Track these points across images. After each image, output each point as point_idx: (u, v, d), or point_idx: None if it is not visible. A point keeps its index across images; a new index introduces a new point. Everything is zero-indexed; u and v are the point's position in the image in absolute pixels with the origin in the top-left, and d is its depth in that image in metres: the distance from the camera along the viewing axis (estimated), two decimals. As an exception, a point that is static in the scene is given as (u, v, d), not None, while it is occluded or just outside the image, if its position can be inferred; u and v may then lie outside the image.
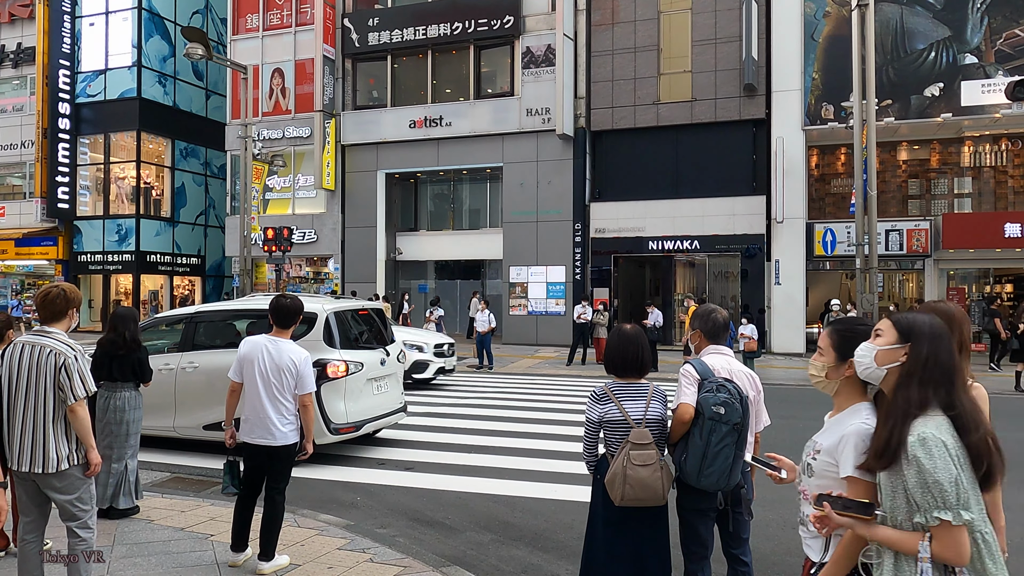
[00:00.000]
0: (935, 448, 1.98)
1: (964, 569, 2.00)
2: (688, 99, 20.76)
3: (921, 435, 2.00)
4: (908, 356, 2.14)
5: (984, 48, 18.36)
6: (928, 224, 18.95)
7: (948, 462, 1.96)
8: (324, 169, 23.76)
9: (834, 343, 2.45)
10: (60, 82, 26.60)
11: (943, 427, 2.03)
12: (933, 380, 2.09)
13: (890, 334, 2.20)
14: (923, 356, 2.11)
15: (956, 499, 1.94)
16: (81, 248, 27.19)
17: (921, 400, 2.07)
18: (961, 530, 1.95)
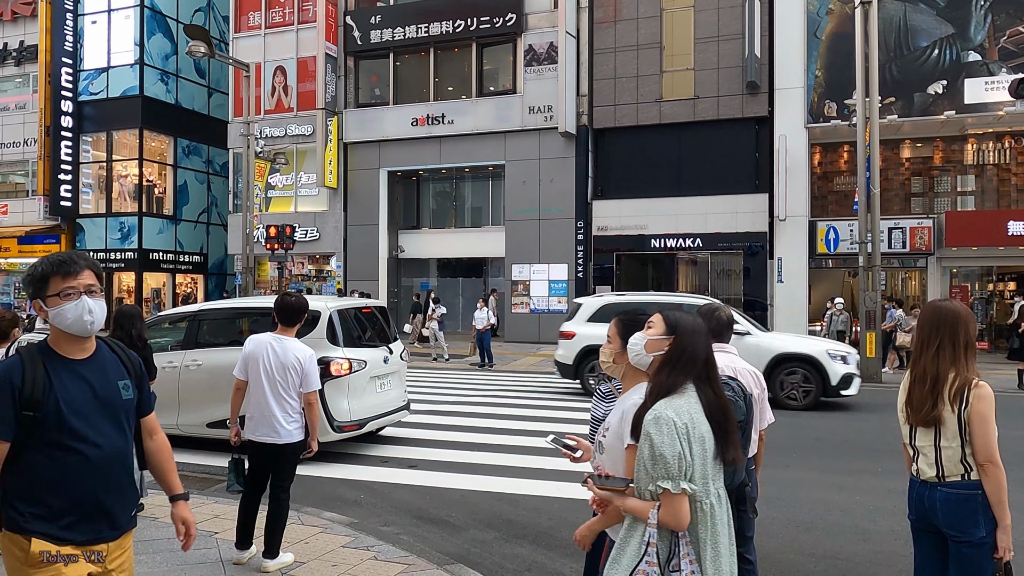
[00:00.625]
0: (665, 425, 2.23)
1: (686, 533, 2.25)
2: (691, 97, 20.73)
3: (655, 414, 2.27)
4: (670, 346, 2.42)
5: (988, 45, 18.31)
6: (931, 222, 18.91)
7: (674, 438, 2.22)
8: (326, 167, 23.76)
9: (620, 331, 2.71)
10: (63, 80, 26.62)
11: (682, 408, 2.28)
12: (685, 368, 2.39)
13: (659, 327, 2.49)
14: (681, 347, 2.41)
15: (678, 471, 2.19)
16: (84, 246, 27.21)
17: (670, 385, 2.35)
18: (681, 498, 2.20)
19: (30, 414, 2.19)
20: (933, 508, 2.97)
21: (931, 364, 3.00)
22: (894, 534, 5.45)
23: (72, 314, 2.25)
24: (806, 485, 6.85)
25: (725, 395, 2.43)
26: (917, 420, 3.03)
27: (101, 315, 2.31)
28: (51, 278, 2.26)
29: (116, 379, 2.37)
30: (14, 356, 2.29)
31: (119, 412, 2.36)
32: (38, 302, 2.29)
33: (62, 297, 2.25)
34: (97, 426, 2.28)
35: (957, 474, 2.92)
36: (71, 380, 2.27)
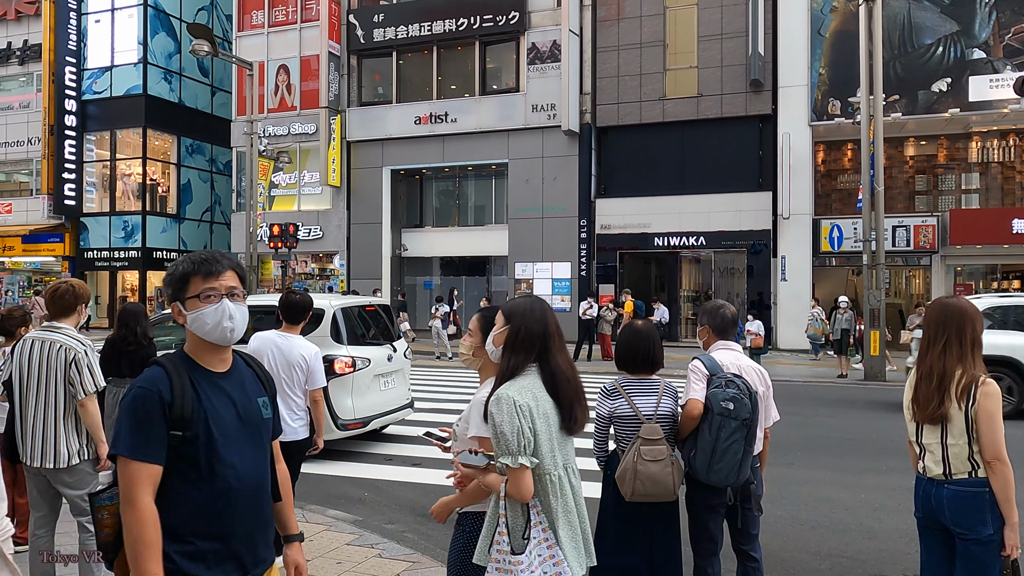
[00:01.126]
0: (504, 404, 2.37)
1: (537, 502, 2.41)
2: (694, 95, 20.70)
3: (497, 395, 2.42)
4: (507, 333, 2.55)
5: (992, 43, 18.25)
6: (935, 220, 18.86)
7: (513, 416, 2.35)
8: (329, 165, 23.77)
9: (480, 326, 2.83)
10: (66, 79, 26.66)
11: (524, 388, 2.43)
12: (524, 348, 2.51)
13: (500, 320, 2.64)
14: (516, 330, 2.53)
15: (517, 447, 2.33)
16: (87, 245, 27.27)
17: (513, 367, 2.49)
18: (521, 472, 2.34)
19: (178, 434, 1.93)
20: (940, 506, 2.96)
21: (938, 361, 2.99)
22: (899, 532, 5.44)
23: (211, 319, 2.01)
24: (811, 483, 6.84)
25: (567, 366, 2.54)
26: (924, 417, 3.02)
27: (242, 323, 2.06)
28: (192, 278, 2.04)
29: (255, 396, 2.14)
30: (155, 368, 2.01)
31: (261, 433, 2.12)
32: (176, 305, 2.06)
33: (202, 299, 2.02)
34: (243, 450, 2.04)
35: (964, 471, 2.91)
36: (216, 396, 2.03)
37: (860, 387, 13.79)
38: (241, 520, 2.03)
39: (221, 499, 1.98)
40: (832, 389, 13.51)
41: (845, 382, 14.33)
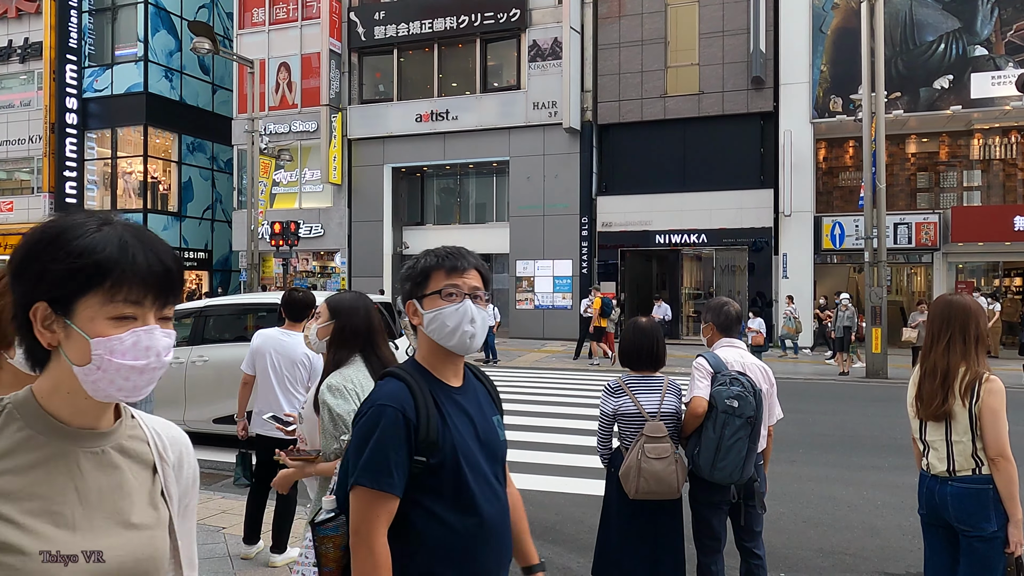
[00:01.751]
0: (336, 390, 2.59)
1: None
2: (695, 92, 20.68)
3: (327, 384, 2.65)
4: (333, 328, 2.80)
5: (994, 40, 18.22)
6: (937, 217, 18.84)
7: (346, 399, 2.58)
8: (330, 163, 23.76)
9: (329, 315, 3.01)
10: (67, 77, 26.65)
11: (350, 376, 2.66)
12: (349, 344, 2.76)
13: (324, 314, 2.88)
14: (341, 327, 2.77)
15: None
16: (89, 243, 27.27)
17: (338, 360, 2.72)
18: None
19: (423, 461, 1.70)
20: (944, 503, 2.96)
21: (941, 358, 2.99)
22: (902, 529, 5.44)
23: (452, 320, 1.76)
24: (814, 480, 6.84)
25: (391, 356, 2.78)
26: (927, 414, 3.03)
27: (483, 330, 1.82)
28: (434, 272, 1.81)
29: (491, 414, 1.89)
30: (395, 381, 1.77)
31: (500, 457, 1.89)
32: (413, 303, 1.83)
33: (443, 296, 1.78)
34: (486, 477, 1.80)
35: (968, 468, 2.91)
36: (457, 416, 1.78)
37: (862, 384, 13.79)
38: (487, 559, 1.78)
39: (468, 536, 1.74)
40: (834, 386, 13.51)
41: (847, 379, 14.33)
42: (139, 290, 1.06)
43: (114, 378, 1.05)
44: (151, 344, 1.07)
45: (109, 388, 1.06)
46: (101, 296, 1.04)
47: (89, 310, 1.04)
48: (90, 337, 1.04)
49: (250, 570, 4.51)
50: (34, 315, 1.05)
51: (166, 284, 1.09)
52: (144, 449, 1.18)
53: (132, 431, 1.18)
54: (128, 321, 1.06)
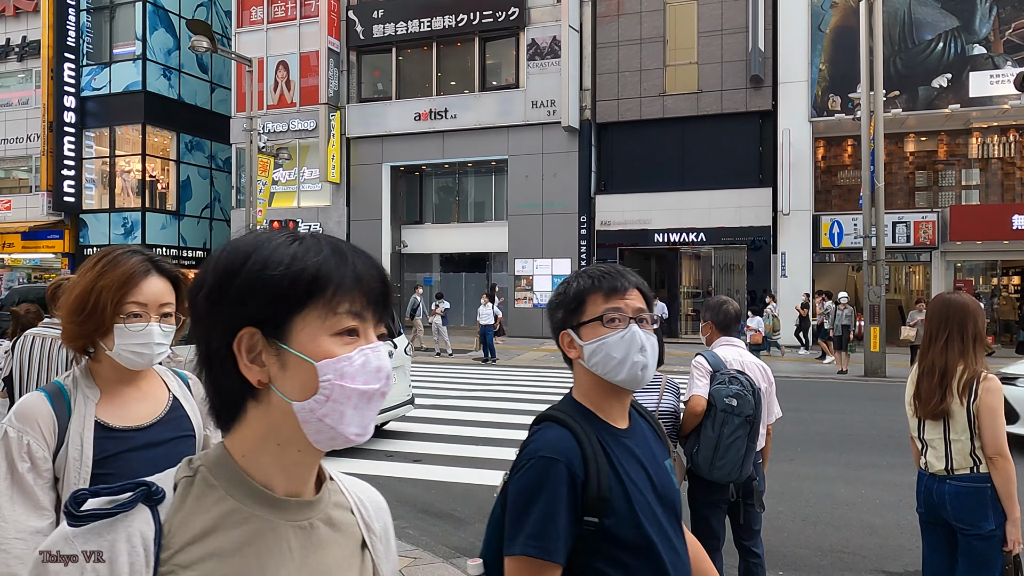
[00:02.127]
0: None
1: None
2: (694, 91, 20.67)
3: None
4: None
5: (993, 39, 18.23)
6: (935, 216, 18.86)
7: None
8: (329, 162, 23.74)
9: None
10: (65, 75, 26.60)
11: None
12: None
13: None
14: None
15: None
16: (87, 241, 27.24)
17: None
18: None
19: (594, 522, 1.44)
20: (942, 501, 2.97)
21: (940, 357, 3.00)
22: (900, 528, 5.45)
23: (619, 350, 1.51)
24: (812, 479, 6.85)
25: None
26: (925, 413, 3.03)
27: (654, 358, 1.57)
28: (589, 296, 1.56)
29: (663, 459, 1.62)
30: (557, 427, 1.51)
31: (678, 509, 1.61)
32: (568, 334, 1.58)
33: (605, 323, 1.53)
34: (667, 534, 1.52)
35: (966, 467, 2.92)
36: (630, 464, 1.51)
37: (860, 383, 13.81)
38: None
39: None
40: (832, 385, 13.52)
41: (845, 378, 14.35)
42: (361, 300, 0.88)
43: (344, 410, 0.85)
44: (380, 364, 0.87)
45: (339, 425, 0.85)
46: (322, 308, 0.85)
47: (309, 328, 0.85)
48: (315, 360, 0.84)
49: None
50: (238, 347, 0.84)
51: (384, 294, 0.91)
52: (350, 520, 0.98)
53: (335, 497, 0.97)
54: (351, 338, 0.87)
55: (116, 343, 1.64)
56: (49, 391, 1.65)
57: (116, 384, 1.71)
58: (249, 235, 0.91)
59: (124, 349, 1.65)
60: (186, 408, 1.81)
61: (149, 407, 1.74)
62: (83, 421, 1.63)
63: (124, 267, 1.65)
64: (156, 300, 1.68)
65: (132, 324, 1.65)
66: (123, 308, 1.64)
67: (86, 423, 1.63)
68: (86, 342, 1.68)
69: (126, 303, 1.64)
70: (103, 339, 1.65)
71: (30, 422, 1.59)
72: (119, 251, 1.69)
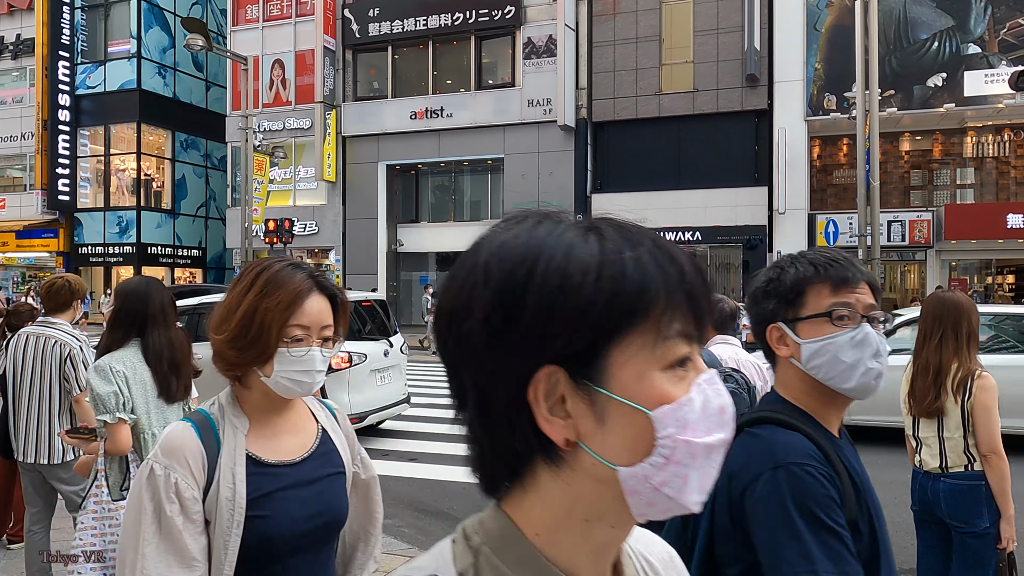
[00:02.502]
0: (100, 372, 2.66)
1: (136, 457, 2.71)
2: (690, 90, 20.68)
3: (95, 365, 2.73)
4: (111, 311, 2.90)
5: (987, 38, 18.27)
6: (930, 215, 18.90)
7: (109, 380, 2.65)
8: (325, 161, 23.70)
9: None
10: (60, 73, 26.52)
11: (123, 358, 2.73)
12: (124, 326, 2.80)
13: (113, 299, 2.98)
14: (117, 309, 2.82)
15: (115, 406, 2.62)
16: (82, 240, 27.17)
17: (112, 341, 2.79)
18: (118, 427, 2.62)
19: None
20: (936, 499, 2.97)
21: (934, 355, 3.00)
22: (895, 526, 5.45)
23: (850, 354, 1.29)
24: (806, 477, 6.85)
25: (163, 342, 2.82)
26: (920, 411, 3.04)
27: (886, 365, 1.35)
28: (811, 287, 1.34)
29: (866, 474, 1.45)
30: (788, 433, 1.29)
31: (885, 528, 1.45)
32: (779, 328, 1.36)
33: (834, 321, 1.31)
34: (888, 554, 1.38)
35: (960, 465, 2.92)
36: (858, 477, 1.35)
37: (855, 382, 13.81)
38: None
39: None
40: (827, 384, 13.54)
41: (840, 377, 14.36)
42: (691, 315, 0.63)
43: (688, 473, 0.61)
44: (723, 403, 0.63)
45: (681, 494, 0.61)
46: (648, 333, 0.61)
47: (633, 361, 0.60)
48: (649, 408, 0.60)
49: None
50: (534, 394, 0.61)
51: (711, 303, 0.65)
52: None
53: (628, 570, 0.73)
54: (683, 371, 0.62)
55: (275, 370, 1.46)
56: (195, 420, 1.47)
57: (266, 413, 1.52)
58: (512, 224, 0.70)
59: (283, 376, 1.47)
60: (335, 441, 1.63)
61: (299, 440, 1.56)
62: (234, 455, 1.44)
63: (290, 286, 1.46)
64: (318, 323, 1.49)
65: (294, 349, 1.46)
66: (286, 332, 1.46)
67: (237, 457, 1.44)
68: (245, 369, 1.49)
69: (289, 326, 1.46)
70: (262, 366, 1.47)
71: (177, 457, 1.40)
72: (279, 266, 1.50)
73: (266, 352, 1.44)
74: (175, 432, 1.45)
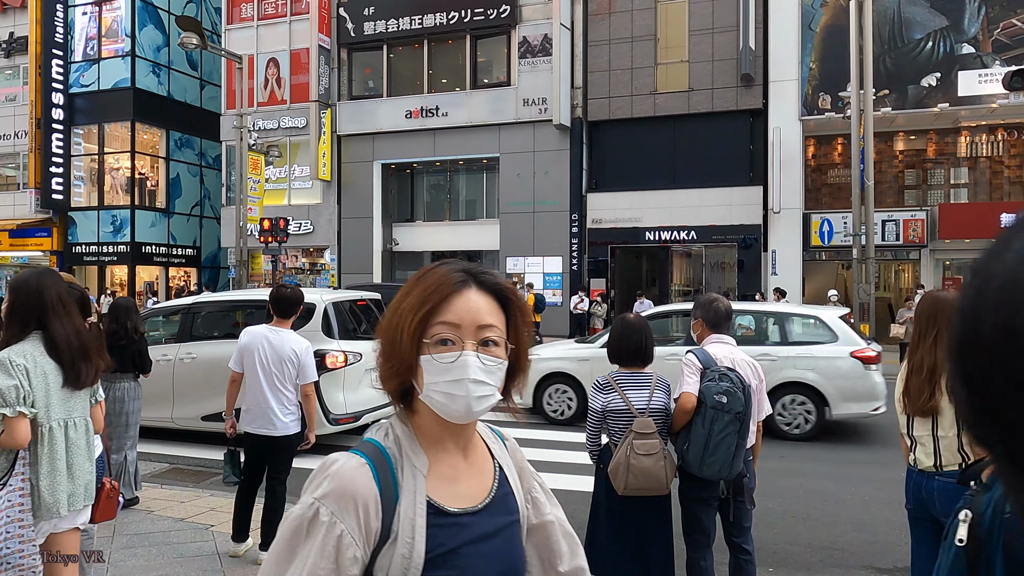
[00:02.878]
0: (2, 366, 2.66)
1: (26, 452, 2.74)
2: (685, 89, 20.70)
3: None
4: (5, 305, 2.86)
5: (981, 38, 18.33)
6: (924, 214, 18.96)
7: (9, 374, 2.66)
8: (320, 160, 23.66)
9: None
10: (53, 72, 26.41)
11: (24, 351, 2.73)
12: (19, 318, 2.80)
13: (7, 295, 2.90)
14: (11, 303, 2.82)
15: (14, 399, 2.65)
16: (76, 239, 27.07)
17: (11, 334, 2.78)
18: (16, 421, 2.65)
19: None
20: (931, 497, 2.98)
21: (928, 354, 3.01)
22: (889, 524, 5.48)
23: None
24: (802, 476, 6.88)
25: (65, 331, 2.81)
26: (914, 410, 3.04)
27: None
28: None
29: None
30: None
31: None
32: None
33: None
34: None
35: (955, 463, 2.93)
36: None
37: (850, 380, 13.85)
38: None
39: None
40: (822, 383, 13.56)
41: (835, 376, 14.38)
42: None
43: None
44: None
45: None
46: None
47: None
48: None
49: (239, 568, 4.49)
50: None
51: None
52: None
53: None
54: None
55: (425, 382, 1.21)
56: (370, 456, 1.19)
57: (440, 443, 1.26)
58: None
59: (433, 389, 1.21)
60: (510, 480, 1.35)
61: (479, 480, 1.29)
62: (414, 502, 1.17)
63: (432, 279, 1.25)
64: (472, 320, 1.22)
65: (439, 354, 1.20)
66: (429, 332, 1.21)
67: (417, 506, 1.17)
68: (401, 382, 1.24)
69: (432, 324, 1.21)
70: (413, 378, 1.22)
71: (348, 503, 1.13)
72: (433, 264, 1.30)
73: (407, 359, 1.20)
74: (348, 469, 1.16)
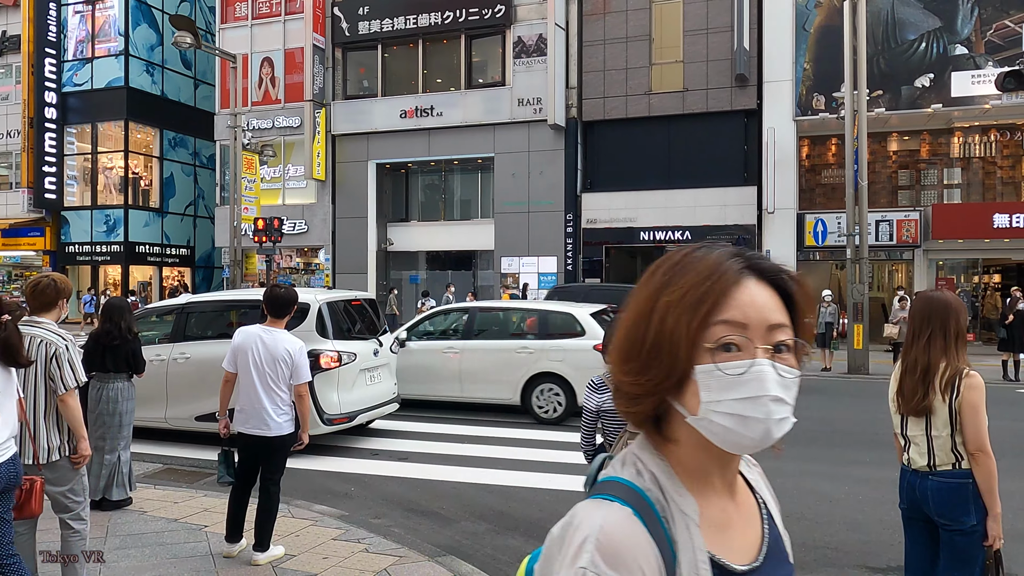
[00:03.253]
0: None
1: None
2: (680, 89, 20.73)
3: None
4: None
5: (974, 39, 18.40)
6: (918, 215, 19.03)
7: None
8: (314, 159, 23.61)
9: None
10: (46, 71, 26.31)
11: None
12: None
13: None
14: None
15: None
16: (69, 239, 26.97)
17: None
18: None
19: None
20: (924, 497, 2.99)
21: (922, 354, 3.02)
22: (883, 524, 5.49)
23: None
24: (796, 475, 6.89)
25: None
26: (908, 410, 3.05)
27: None
28: None
29: None
30: None
31: None
32: None
33: None
34: None
35: (948, 463, 2.94)
36: None
37: (843, 380, 13.91)
38: None
39: None
40: (816, 382, 13.60)
41: (829, 375, 14.44)
42: None
43: None
44: None
45: None
46: None
47: None
48: None
49: (232, 568, 4.48)
50: None
51: None
52: None
53: None
54: None
55: (702, 401, 0.89)
56: (631, 502, 0.89)
57: (706, 481, 0.96)
58: None
59: (715, 409, 0.89)
60: (776, 519, 1.08)
61: (750, 524, 1.01)
62: (695, 561, 0.89)
63: (702, 267, 0.93)
64: (761, 320, 0.90)
65: (726, 363, 0.89)
66: (708, 335, 0.89)
67: (700, 566, 0.89)
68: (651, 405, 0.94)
69: (712, 325, 0.89)
70: (678, 397, 0.92)
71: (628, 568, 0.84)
72: (688, 248, 0.99)
73: (675, 370, 0.90)
74: (617, 525, 0.87)
